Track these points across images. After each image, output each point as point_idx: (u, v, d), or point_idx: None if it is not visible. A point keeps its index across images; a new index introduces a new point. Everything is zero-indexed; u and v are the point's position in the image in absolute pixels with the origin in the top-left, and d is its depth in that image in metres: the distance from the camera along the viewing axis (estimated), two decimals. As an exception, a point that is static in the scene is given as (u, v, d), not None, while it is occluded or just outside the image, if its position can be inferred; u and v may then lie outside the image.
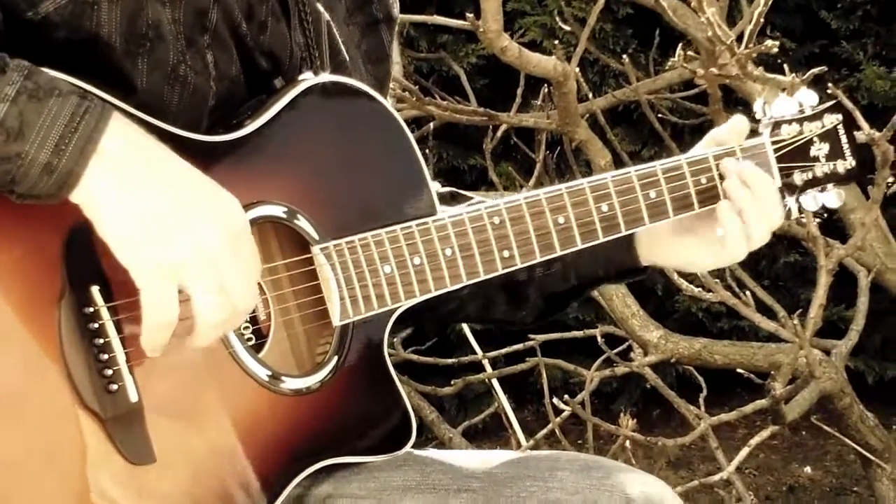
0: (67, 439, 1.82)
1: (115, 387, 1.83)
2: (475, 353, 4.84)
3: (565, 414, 4.24)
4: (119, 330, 1.84)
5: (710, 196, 2.24)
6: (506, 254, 2.13)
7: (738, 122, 2.29)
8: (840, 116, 2.34)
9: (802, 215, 2.37)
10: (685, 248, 2.28)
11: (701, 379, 4.71)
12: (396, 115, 2.12)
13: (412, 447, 2.13)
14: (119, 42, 1.91)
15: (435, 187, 2.17)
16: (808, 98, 2.35)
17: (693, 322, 6.93)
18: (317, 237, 2.01)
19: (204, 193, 1.84)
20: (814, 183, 2.32)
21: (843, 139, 2.34)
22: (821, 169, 2.32)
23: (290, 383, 2.00)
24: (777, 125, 2.31)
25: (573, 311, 6.63)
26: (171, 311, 1.80)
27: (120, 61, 1.92)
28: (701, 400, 4.57)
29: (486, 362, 4.84)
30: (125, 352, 1.84)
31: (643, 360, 4.24)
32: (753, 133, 2.33)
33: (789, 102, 2.34)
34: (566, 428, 4.91)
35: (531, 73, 4.02)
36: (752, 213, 2.19)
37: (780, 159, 2.30)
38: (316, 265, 2.02)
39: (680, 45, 3.68)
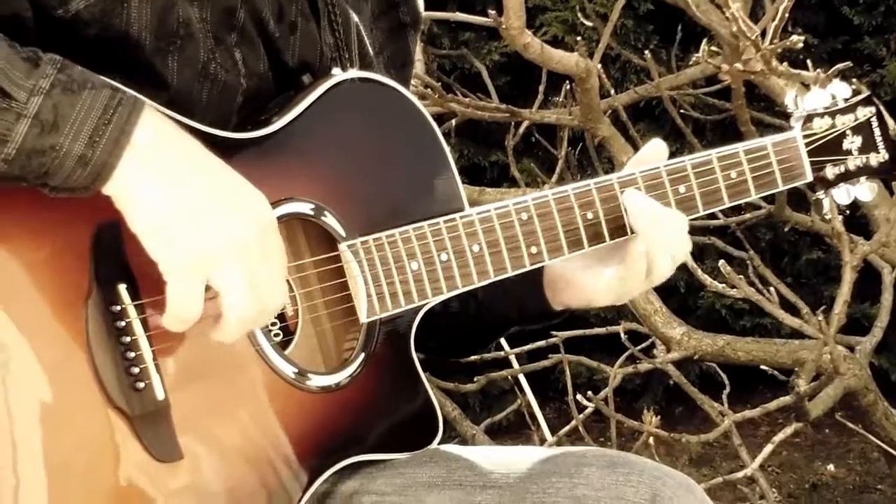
0: (95, 437, 1.82)
1: (141, 385, 1.83)
2: (497, 349, 4.83)
3: (589, 410, 4.23)
4: (146, 328, 1.84)
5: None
6: (533, 250, 2.12)
7: (656, 145, 2.24)
8: (873, 109, 2.32)
9: (826, 213, 2.36)
10: (588, 284, 2.21)
11: (724, 376, 4.71)
12: (425, 111, 2.12)
13: (438, 444, 2.13)
14: (149, 40, 1.91)
15: None
16: (840, 90, 2.34)
17: (715, 319, 6.92)
18: (344, 234, 2.01)
19: (234, 189, 1.84)
20: (846, 177, 2.31)
21: (877, 132, 2.32)
22: (853, 162, 2.31)
23: (316, 380, 2.00)
24: (809, 118, 2.30)
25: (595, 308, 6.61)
26: (195, 306, 1.80)
27: (150, 59, 1.92)
28: (724, 397, 4.56)
29: (512, 358, 4.83)
30: (152, 350, 1.84)
31: (666, 356, 4.23)
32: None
33: (822, 95, 2.33)
34: (589, 426, 4.90)
35: (553, 69, 4.01)
36: (656, 248, 2.14)
37: (811, 153, 2.29)
38: (343, 262, 2.02)
39: (705, 40, 3.67)
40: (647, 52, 4.82)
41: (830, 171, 2.31)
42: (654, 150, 2.21)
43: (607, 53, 6.44)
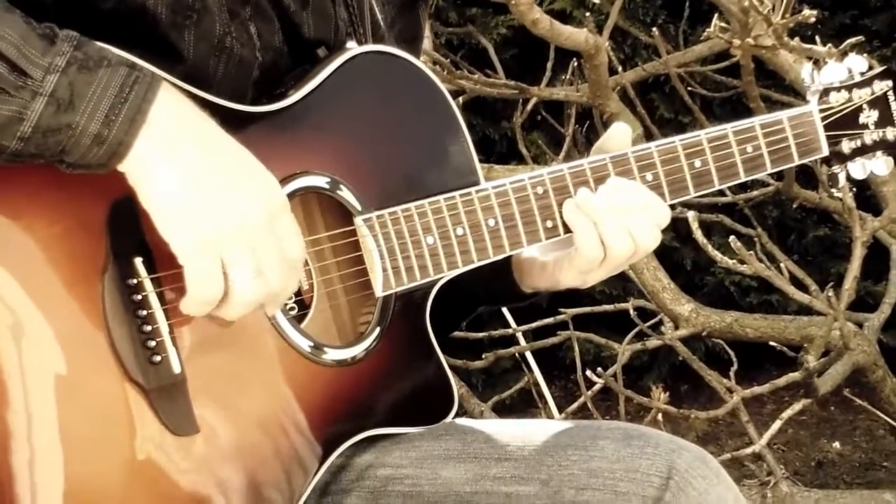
0: (111, 411, 1.82)
1: (158, 358, 1.83)
2: (504, 326, 4.84)
3: (597, 387, 4.23)
4: (162, 301, 1.84)
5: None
6: (549, 224, 2.12)
7: (618, 128, 2.22)
8: (890, 83, 2.31)
9: (835, 191, 2.35)
10: (555, 268, 2.19)
11: (731, 353, 4.71)
12: (440, 84, 2.11)
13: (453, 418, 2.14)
14: (165, 14, 1.91)
15: None
16: (857, 64, 2.32)
17: (722, 296, 6.91)
18: (359, 208, 2.01)
19: (248, 171, 1.84)
20: (862, 151, 2.30)
21: (894, 106, 2.31)
22: (870, 136, 2.30)
23: (332, 354, 2.00)
24: (825, 92, 2.29)
25: (601, 285, 6.63)
26: (216, 286, 1.80)
27: (166, 33, 1.92)
28: (731, 374, 4.56)
29: (520, 335, 4.83)
30: (168, 323, 1.84)
31: (674, 333, 4.23)
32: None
33: (838, 69, 2.32)
34: (596, 403, 4.91)
35: (562, 45, 4.01)
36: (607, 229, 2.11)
37: (827, 127, 2.28)
38: (358, 236, 2.01)
39: (716, 15, 3.65)
40: (654, 29, 4.79)
41: (846, 146, 2.30)
42: (618, 135, 2.20)
43: (617, 30, 6.43)
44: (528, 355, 4.74)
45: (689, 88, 5.17)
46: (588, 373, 4.06)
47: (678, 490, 1.98)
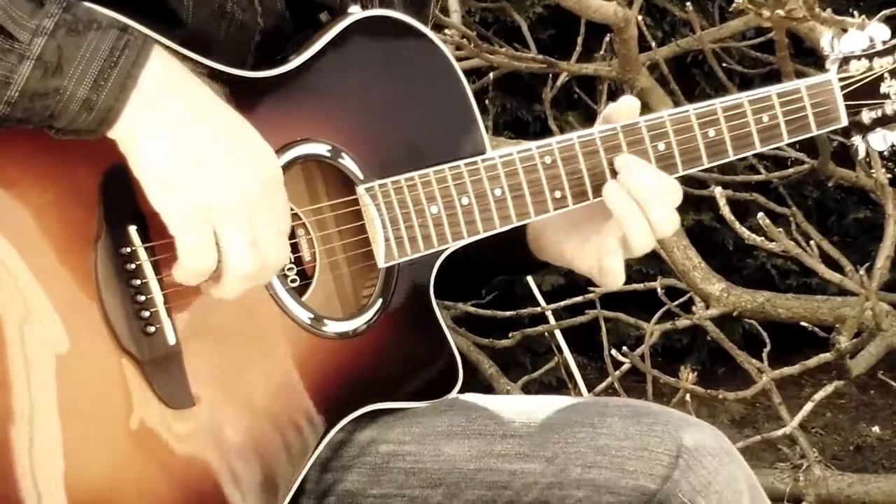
0: (106, 382, 1.78)
1: (152, 329, 1.79)
2: (534, 305, 4.79)
3: (625, 367, 4.18)
4: (157, 271, 1.80)
5: None
6: (557, 194, 2.06)
7: (626, 100, 2.15)
8: None
9: (866, 158, 2.28)
10: (567, 246, 2.15)
11: (764, 334, 4.64)
12: (447, 51, 2.06)
13: (458, 393, 2.09)
14: None
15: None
16: (879, 32, 2.25)
17: (761, 278, 6.85)
18: (362, 177, 1.97)
19: (242, 140, 1.79)
20: (883, 121, 2.24)
21: None
22: (891, 106, 2.23)
23: (332, 326, 1.96)
24: (846, 61, 2.22)
25: (635, 263, 6.58)
26: (209, 257, 1.76)
27: None
28: (764, 355, 4.49)
29: (549, 314, 4.78)
30: (163, 293, 1.80)
31: (705, 313, 4.17)
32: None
33: (859, 37, 2.25)
34: (630, 386, 4.86)
35: (591, 18, 3.95)
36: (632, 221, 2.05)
37: (847, 97, 2.21)
38: (361, 206, 1.97)
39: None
40: (688, 3, 4.72)
41: (867, 116, 2.23)
42: (626, 107, 2.13)
43: (655, 7, 6.37)
44: (558, 335, 4.69)
45: (725, 65, 5.09)
46: (613, 352, 4.00)
47: (687, 468, 1.94)
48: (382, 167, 1.98)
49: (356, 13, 2.00)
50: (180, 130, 1.74)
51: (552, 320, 4.75)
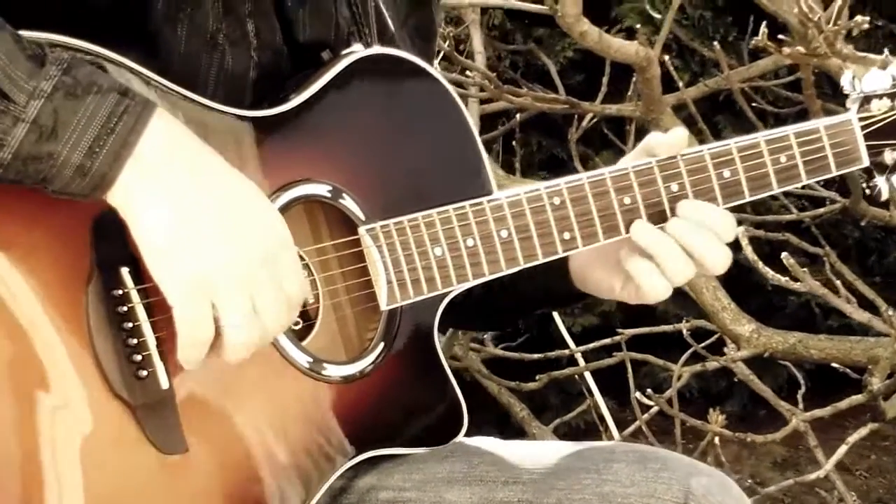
0: (96, 428, 1.75)
1: (144, 373, 1.76)
2: (562, 347, 4.74)
3: (653, 410, 4.11)
4: (150, 314, 1.76)
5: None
6: (566, 236, 2.02)
7: (676, 133, 2.11)
8: None
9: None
10: (609, 279, 2.12)
11: (799, 376, 4.58)
12: (451, 90, 2.03)
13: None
14: (161, 4, 1.84)
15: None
16: None
17: (803, 318, 6.77)
18: (363, 217, 1.94)
19: (246, 206, 1.76)
20: None
21: None
22: None
23: (332, 370, 1.92)
24: (867, 100, 2.18)
25: (663, 304, 6.52)
26: (205, 329, 1.73)
27: (160, 25, 1.85)
28: (799, 397, 4.44)
29: (579, 356, 4.73)
30: (156, 336, 1.77)
31: (735, 354, 4.10)
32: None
33: (881, 76, 2.20)
34: (663, 427, 4.79)
35: (613, 58, 3.92)
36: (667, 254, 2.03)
37: (868, 136, 2.16)
38: (363, 247, 1.94)
39: (763, 24, 3.54)
40: (715, 43, 4.68)
41: (889, 156, 2.18)
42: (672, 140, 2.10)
43: (685, 47, 6.33)
44: (589, 378, 4.64)
45: (756, 105, 5.04)
46: (637, 395, 3.94)
47: None
48: (385, 208, 1.95)
49: (358, 51, 1.98)
50: (178, 199, 1.70)
51: (582, 362, 4.70)
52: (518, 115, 4.54)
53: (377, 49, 2.01)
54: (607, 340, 4.64)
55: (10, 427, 1.71)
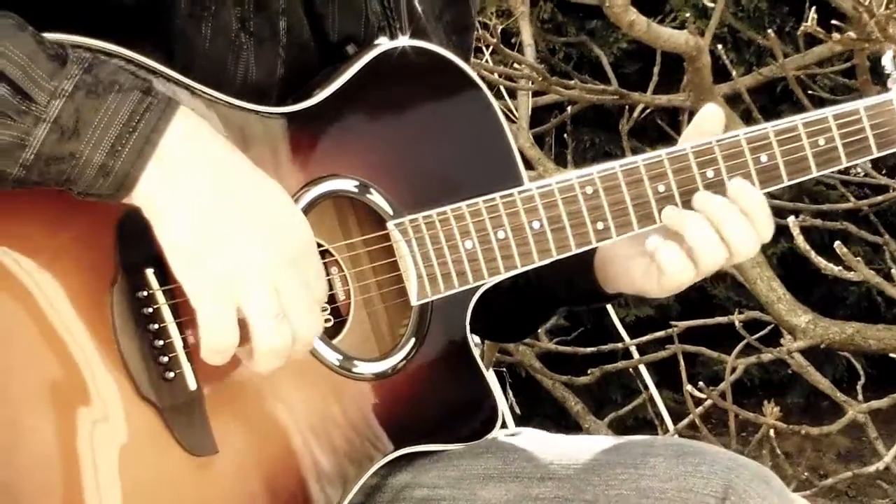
0: (123, 431, 1.73)
1: (171, 374, 1.74)
2: (616, 340, 4.70)
3: (707, 403, 4.06)
4: (176, 314, 1.75)
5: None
6: (600, 226, 1.99)
7: (710, 110, 2.11)
8: None
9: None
10: (631, 272, 2.07)
11: (858, 366, 4.52)
12: (479, 80, 2.00)
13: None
14: (184, 3, 1.83)
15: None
16: None
17: (865, 308, 6.69)
18: (391, 212, 1.91)
19: (270, 207, 1.73)
20: None
21: None
22: None
23: (363, 367, 1.90)
24: None
25: (722, 294, 6.46)
26: (228, 334, 1.70)
27: (184, 25, 1.83)
28: (859, 388, 4.38)
29: (633, 349, 4.69)
30: (182, 337, 1.75)
31: (790, 345, 4.04)
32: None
33: None
34: (723, 419, 4.72)
35: (662, 48, 3.88)
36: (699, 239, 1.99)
37: None
38: (392, 241, 1.91)
39: (812, 9, 3.49)
40: (770, 31, 4.61)
41: None
42: (710, 118, 2.06)
43: (739, 38, 6.26)
44: (644, 371, 4.59)
45: (812, 93, 4.97)
46: (689, 388, 3.89)
47: None
48: (414, 202, 1.93)
49: (383, 44, 1.95)
50: (202, 199, 1.69)
51: (636, 354, 4.66)
52: (569, 108, 4.49)
53: (402, 41, 1.98)
54: (661, 333, 4.59)
55: (41, 431, 1.70)
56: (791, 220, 3.63)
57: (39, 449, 1.69)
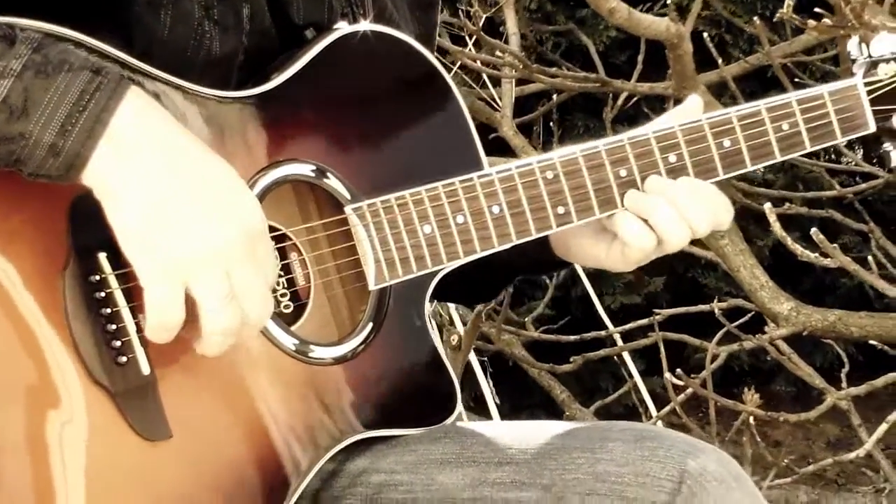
0: (76, 417, 1.73)
1: (124, 359, 1.74)
2: (598, 328, 4.69)
3: (689, 391, 4.05)
4: (129, 299, 1.74)
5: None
6: (560, 210, 1.98)
7: (692, 101, 2.09)
8: None
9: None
10: (593, 246, 2.07)
11: (843, 353, 4.52)
12: (438, 65, 2.00)
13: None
14: None
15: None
16: None
17: (856, 298, 6.69)
18: (349, 197, 1.91)
19: (220, 188, 1.72)
20: None
21: None
22: None
23: (319, 352, 1.89)
24: (874, 65, 2.13)
25: (710, 283, 6.46)
26: (174, 313, 1.70)
27: (142, 12, 1.82)
28: (843, 375, 4.38)
29: (617, 337, 4.69)
30: (135, 321, 1.74)
31: (773, 333, 4.04)
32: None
33: (891, 39, 2.15)
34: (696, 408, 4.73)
35: (643, 35, 3.86)
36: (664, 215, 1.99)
37: (875, 101, 2.11)
38: (350, 226, 1.91)
39: (789, -2, 3.47)
40: (756, 18, 4.60)
41: None
42: (690, 113, 2.06)
43: (732, 24, 6.25)
44: (628, 358, 4.59)
45: (798, 80, 4.96)
46: (668, 375, 3.89)
47: (690, 495, 1.83)
48: (373, 186, 1.92)
49: (341, 28, 1.95)
50: (153, 180, 1.67)
51: (619, 342, 4.66)
52: (555, 96, 4.48)
53: (362, 25, 1.97)
54: (645, 321, 4.58)
55: None
56: (767, 206, 3.61)
57: None
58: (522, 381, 5.78)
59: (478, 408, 5.24)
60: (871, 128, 2.12)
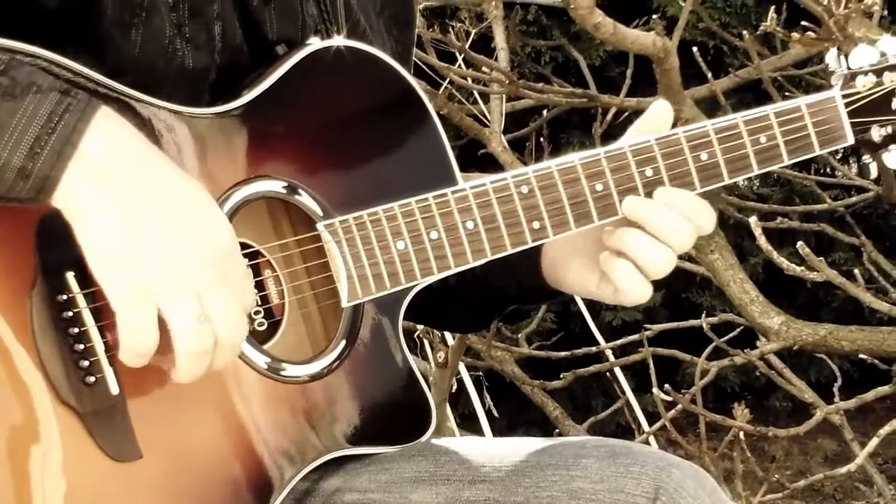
0: (44, 438, 1.71)
1: (92, 379, 1.72)
2: (590, 344, 4.68)
3: (679, 407, 4.04)
4: (97, 318, 1.73)
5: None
6: (536, 225, 1.97)
7: (659, 106, 2.07)
8: None
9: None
10: (583, 277, 2.06)
11: (835, 368, 4.51)
12: (412, 80, 1.99)
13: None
14: (111, 9, 1.81)
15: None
16: (891, 46, 2.14)
17: (850, 312, 6.67)
18: (321, 213, 1.90)
19: (192, 208, 1.71)
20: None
21: None
22: None
23: (291, 370, 1.88)
24: (852, 77, 2.11)
25: (707, 300, 6.44)
26: (148, 337, 1.68)
27: (110, 29, 1.81)
28: (835, 390, 4.36)
29: (609, 352, 4.67)
30: (104, 341, 1.73)
31: (764, 347, 4.02)
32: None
33: (869, 52, 2.13)
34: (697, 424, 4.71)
35: (629, 50, 3.85)
36: (642, 249, 1.97)
37: (853, 114, 2.09)
38: (323, 242, 1.90)
39: (772, 9, 3.47)
40: (745, 32, 4.59)
41: (877, 133, 2.11)
42: (657, 115, 2.05)
43: (731, 34, 6.24)
44: (620, 375, 4.58)
45: (788, 94, 4.95)
46: (656, 391, 3.88)
47: None
48: (346, 203, 1.91)
49: (313, 44, 1.94)
50: (123, 201, 1.66)
51: (611, 357, 4.64)
52: (545, 112, 4.48)
53: (334, 41, 1.96)
54: (635, 336, 4.57)
55: None
56: (753, 220, 3.60)
57: None
58: (520, 397, 5.78)
59: (471, 423, 5.22)
60: (850, 140, 2.11)
